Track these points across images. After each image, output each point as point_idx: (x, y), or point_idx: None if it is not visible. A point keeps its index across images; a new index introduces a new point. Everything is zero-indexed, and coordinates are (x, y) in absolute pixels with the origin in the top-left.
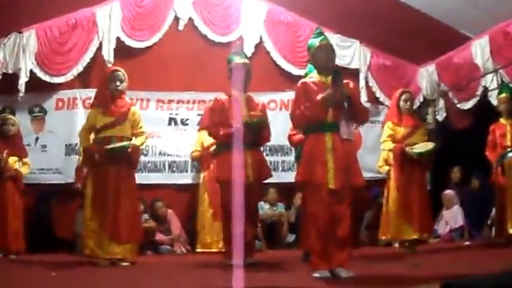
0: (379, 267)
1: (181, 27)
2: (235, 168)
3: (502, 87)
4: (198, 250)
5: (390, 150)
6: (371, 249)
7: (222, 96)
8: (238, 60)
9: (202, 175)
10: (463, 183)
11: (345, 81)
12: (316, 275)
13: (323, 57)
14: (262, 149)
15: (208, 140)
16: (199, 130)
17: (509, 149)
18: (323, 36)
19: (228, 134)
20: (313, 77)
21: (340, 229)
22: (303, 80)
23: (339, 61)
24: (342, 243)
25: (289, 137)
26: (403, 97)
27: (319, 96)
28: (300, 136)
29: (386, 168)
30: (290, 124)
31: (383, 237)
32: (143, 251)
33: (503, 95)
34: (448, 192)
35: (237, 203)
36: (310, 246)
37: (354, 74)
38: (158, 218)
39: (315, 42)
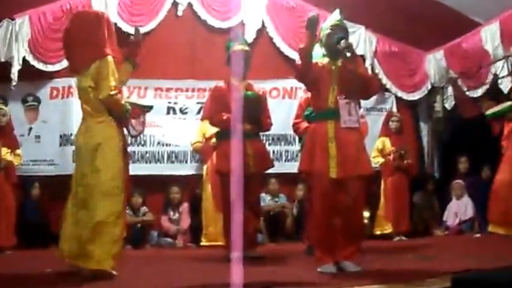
0: (387, 261)
1: (180, 13)
2: (234, 157)
3: None
4: (202, 243)
5: None
6: (377, 242)
7: (222, 84)
8: (236, 47)
9: (204, 167)
10: (472, 173)
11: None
12: (320, 269)
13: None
14: (264, 138)
15: (210, 131)
16: (201, 120)
17: None
18: (339, 17)
19: (231, 118)
20: (322, 61)
21: (347, 221)
22: None
23: None
24: (350, 236)
25: (295, 126)
26: None
27: None
28: (305, 125)
29: (381, 159)
30: (293, 112)
31: (380, 232)
32: (142, 245)
33: None
34: (458, 181)
35: (235, 192)
36: (314, 239)
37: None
38: (170, 204)
39: (329, 22)
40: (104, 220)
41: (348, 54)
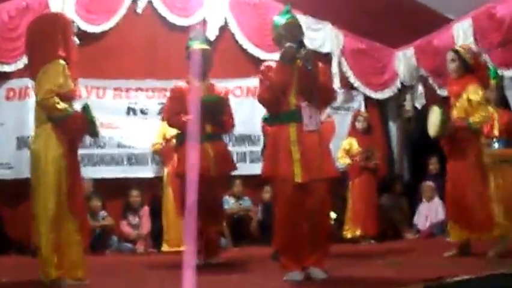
0: (355, 267)
1: (139, 10)
2: (190, 160)
3: (491, 73)
4: (164, 249)
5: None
6: (345, 246)
7: (181, 83)
8: (196, 45)
9: (165, 169)
10: (443, 175)
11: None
12: (286, 278)
13: (288, 36)
14: (226, 139)
15: (171, 132)
16: (162, 120)
17: (495, 140)
18: (290, 15)
19: (190, 120)
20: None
21: (314, 226)
22: (266, 63)
23: (309, 45)
24: (316, 241)
25: (264, 128)
26: None
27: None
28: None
29: (347, 160)
30: (257, 112)
31: (350, 235)
32: (101, 251)
33: (492, 82)
34: (427, 183)
35: (190, 197)
36: (279, 245)
37: (326, 58)
38: (129, 207)
39: (282, 20)
40: (36, 230)
41: (310, 67)
